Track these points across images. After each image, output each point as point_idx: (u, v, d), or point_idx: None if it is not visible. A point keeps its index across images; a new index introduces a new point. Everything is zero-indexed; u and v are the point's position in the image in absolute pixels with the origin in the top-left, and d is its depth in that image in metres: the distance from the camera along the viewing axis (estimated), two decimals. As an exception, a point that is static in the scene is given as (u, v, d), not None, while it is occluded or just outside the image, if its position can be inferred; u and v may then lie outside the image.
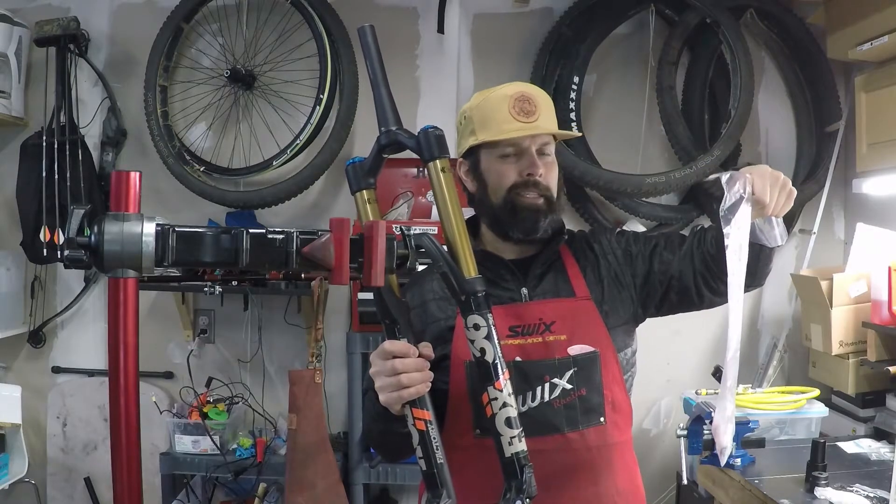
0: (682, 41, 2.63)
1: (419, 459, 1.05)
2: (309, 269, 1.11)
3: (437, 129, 1.11)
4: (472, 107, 1.33)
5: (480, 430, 1.23)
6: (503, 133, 1.27)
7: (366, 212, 1.15)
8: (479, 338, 1.05)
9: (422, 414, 1.05)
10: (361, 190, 1.16)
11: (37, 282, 2.79)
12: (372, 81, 1.18)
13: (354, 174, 1.16)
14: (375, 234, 1.14)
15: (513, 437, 1.04)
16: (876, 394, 2.37)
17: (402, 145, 1.13)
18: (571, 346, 1.27)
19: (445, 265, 1.07)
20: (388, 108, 1.15)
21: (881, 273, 2.27)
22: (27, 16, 2.69)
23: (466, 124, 1.33)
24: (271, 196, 2.56)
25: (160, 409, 2.55)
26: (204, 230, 1.06)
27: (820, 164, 2.70)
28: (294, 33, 2.65)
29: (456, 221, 1.10)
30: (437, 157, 1.11)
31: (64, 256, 0.97)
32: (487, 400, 1.05)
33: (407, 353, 1.06)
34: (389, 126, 1.14)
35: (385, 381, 1.06)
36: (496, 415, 1.04)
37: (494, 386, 1.04)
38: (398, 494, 2.82)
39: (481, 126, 1.30)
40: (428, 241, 1.07)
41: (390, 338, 1.08)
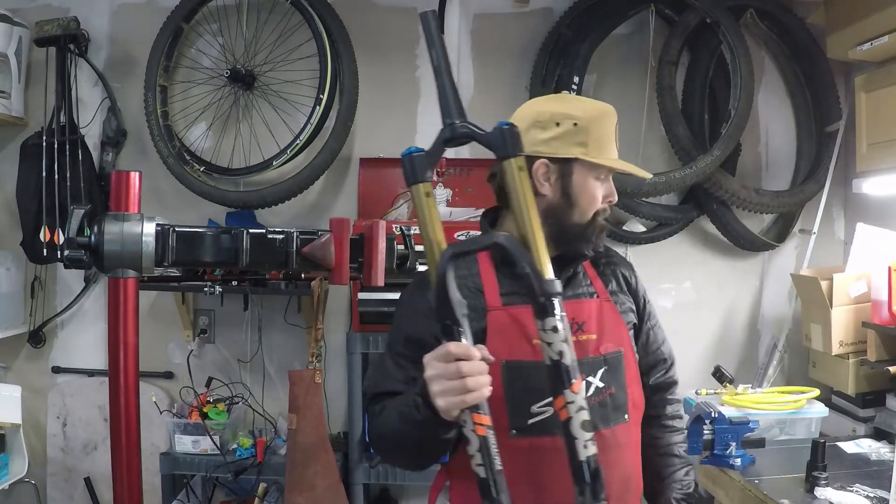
0: (682, 41, 2.63)
1: (476, 467, 1.01)
2: (309, 269, 1.11)
3: (513, 125, 1.08)
4: (586, 118, 1.27)
5: (517, 431, 1.22)
6: (614, 162, 1.29)
7: (425, 205, 1.10)
8: (557, 341, 1.02)
9: (482, 419, 1.01)
10: (419, 183, 1.11)
11: (37, 282, 2.79)
12: (435, 70, 1.11)
13: (412, 166, 1.11)
14: (375, 234, 1.14)
15: (587, 440, 1.02)
16: (876, 394, 2.36)
17: (473, 139, 1.10)
18: (601, 345, 1.29)
19: (528, 266, 1.04)
20: (451, 99, 1.11)
21: (881, 273, 2.26)
22: (27, 16, 2.68)
23: (576, 132, 1.26)
24: (271, 196, 2.56)
25: (160, 409, 2.55)
26: (204, 230, 1.06)
27: (820, 164, 2.70)
28: (294, 33, 2.65)
29: (533, 222, 1.08)
30: (514, 154, 1.08)
31: (64, 256, 0.97)
32: (563, 403, 1.02)
33: (471, 355, 1.01)
34: (454, 118, 1.10)
35: (447, 385, 1.02)
36: (572, 418, 1.02)
37: (571, 389, 1.02)
38: (398, 494, 2.83)
39: (598, 144, 1.27)
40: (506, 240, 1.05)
41: (449, 339, 1.03)
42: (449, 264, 1.04)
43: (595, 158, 1.27)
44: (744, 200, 2.59)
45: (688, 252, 2.84)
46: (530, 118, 1.28)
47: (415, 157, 1.11)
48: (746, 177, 2.79)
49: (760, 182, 2.84)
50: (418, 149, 1.12)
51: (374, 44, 2.76)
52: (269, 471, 2.49)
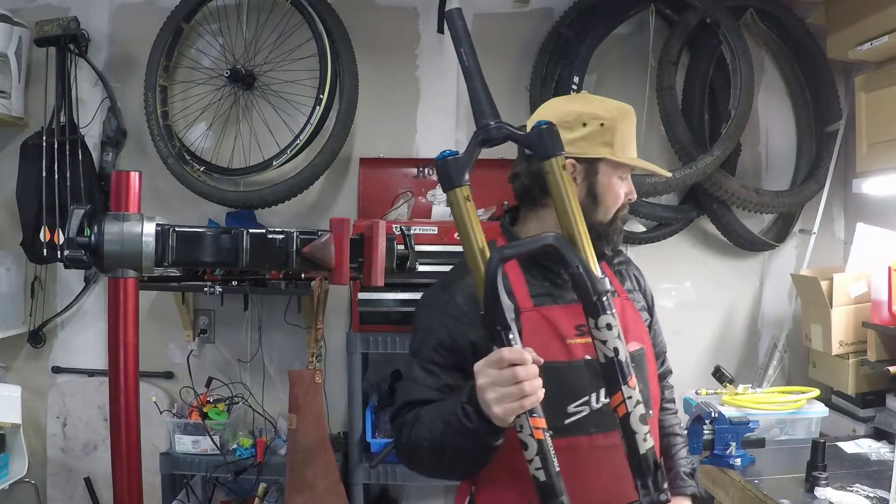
0: (682, 41, 2.63)
1: (536, 471, 1.01)
2: (309, 269, 1.11)
3: (552, 124, 1.08)
4: (612, 118, 1.29)
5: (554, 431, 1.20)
6: (642, 165, 1.32)
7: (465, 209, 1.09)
8: (611, 338, 1.03)
9: (539, 423, 1.01)
10: (455, 187, 1.10)
11: (37, 282, 2.79)
12: (464, 71, 1.10)
13: (448, 170, 1.09)
14: (375, 234, 1.14)
15: (646, 433, 1.03)
16: (876, 394, 2.37)
17: (514, 141, 1.09)
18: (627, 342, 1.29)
19: (581, 266, 1.05)
20: (484, 100, 1.10)
21: (881, 273, 2.27)
22: (27, 16, 2.68)
23: (602, 132, 1.27)
24: (271, 196, 2.56)
25: (160, 409, 2.55)
26: (204, 230, 1.05)
27: (820, 164, 2.70)
28: (294, 33, 2.65)
29: (578, 221, 1.08)
30: (556, 154, 1.08)
31: (64, 256, 0.97)
32: (622, 399, 1.02)
33: (525, 360, 1.01)
34: (488, 120, 1.09)
35: (503, 392, 1.01)
36: (630, 413, 1.02)
37: (628, 384, 1.02)
38: (398, 494, 2.83)
39: (623, 144, 1.29)
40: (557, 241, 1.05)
41: (500, 345, 1.03)
42: (499, 268, 1.04)
43: (620, 158, 1.29)
44: (744, 200, 2.59)
45: (688, 252, 2.84)
46: (555, 119, 1.27)
47: (450, 161, 1.09)
48: (746, 177, 2.79)
49: (760, 182, 2.84)
50: (453, 152, 1.10)
51: (374, 44, 2.76)
52: (269, 471, 2.49)
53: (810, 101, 2.79)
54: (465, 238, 1.10)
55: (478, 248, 1.08)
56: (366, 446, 2.45)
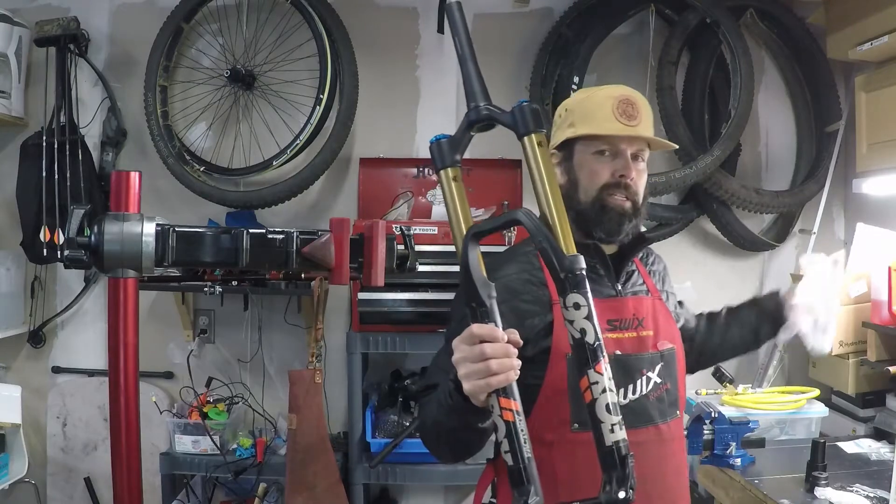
0: (682, 41, 2.64)
1: (504, 454, 0.97)
2: (309, 269, 1.11)
3: (531, 102, 1.09)
4: (575, 101, 1.36)
5: (579, 425, 1.21)
6: (603, 129, 1.30)
7: (451, 189, 1.10)
8: (578, 318, 0.98)
9: (509, 404, 0.97)
10: (447, 167, 1.11)
11: (37, 282, 2.79)
12: (460, 57, 1.13)
13: (440, 151, 1.11)
14: (375, 234, 1.14)
15: (613, 424, 0.96)
16: (876, 394, 2.37)
17: (495, 121, 1.10)
18: (658, 341, 1.32)
19: (545, 241, 1.01)
20: (476, 83, 1.11)
21: (881, 273, 2.27)
22: (27, 16, 2.68)
23: (566, 117, 1.34)
24: (271, 196, 2.56)
25: (160, 409, 2.55)
26: (204, 230, 1.06)
27: (820, 164, 2.70)
28: (294, 33, 2.65)
29: (554, 198, 1.06)
30: (533, 130, 1.07)
31: (64, 256, 0.97)
32: (587, 384, 0.97)
33: (496, 337, 0.98)
34: (478, 102, 1.10)
35: (472, 368, 0.99)
36: (596, 400, 0.96)
37: (595, 369, 0.97)
38: (398, 494, 2.82)
39: (582, 120, 1.32)
40: (525, 216, 1.02)
41: (475, 322, 1.01)
42: (471, 244, 1.03)
43: (582, 131, 1.31)
44: (744, 200, 2.59)
45: (688, 252, 2.84)
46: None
47: (441, 142, 1.11)
48: (746, 177, 2.79)
49: (760, 182, 2.84)
50: (445, 135, 1.12)
51: (374, 44, 2.76)
52: (269, 471, 2.49)
53: (810, 101, 2.79)
54: (451, 217, 1.10)
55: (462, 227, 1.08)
56: (366, 446, 2.45)
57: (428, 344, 2.41)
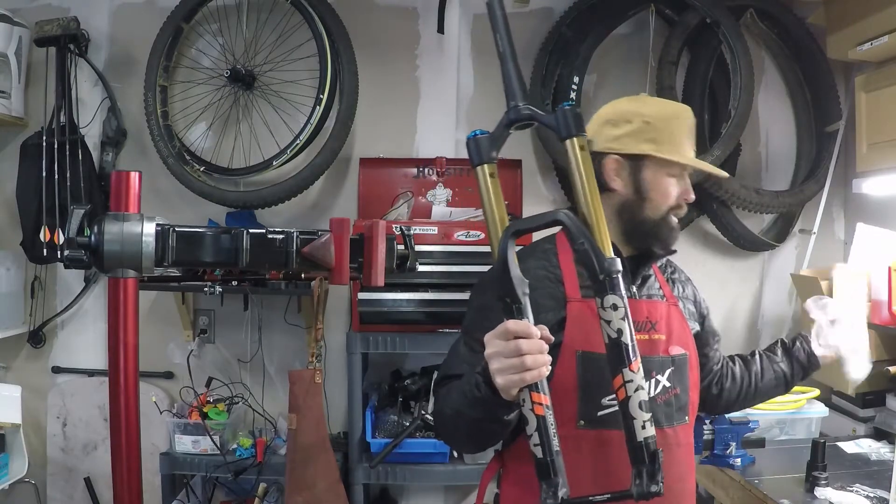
0: (682, 41, 2.64)
1: (534, 447, 1.00)
2: (309, 269, 1.11)
3: (575, 106, 1.10)
4: (656, 115, 1.32)
5: (585, 422, 1.23)
6: (687, 160, 1.32)
7: (487, 185, 1.11)
8: (616, 318, 1.02)
9: (541, 398, 1.00)
10: (484, 164, 1.12)
11: (37, 282, 2.79)
12: (500, 55, 1.14)
13: (477, 147, 1.12)
14: (375, 234, 1.14)
15: (645, 420, 1.01)
16: (876, 394, 2.37)
17: (536, 121, 1.11)
18: (669, 346, 1.32)
19: (587, 243, 1.04)
20: (516, 82, 1.12)
21: (881, 273, 2.27)
22: (27, 16, 2.68)
23: (642, 129, 1.31)
24: (271, 196, 2.56)
25: (160, 409, 2.55)
26: (204, 230, 1.06)
27: (820, 164, 2.70)
28: (294, 33, 2.65)
29: (594, 201, 1.08)
30: (576, 134, 1.09)
31: (64, 256, 0.97)
32: (622, 382, 1.01)
33: (531, 334, 1.01)
34: (517, 101, 1.12)
35: (506, 363, 1.01)
36: (630, 398, 1.01)
37: (630, 368, 1.01)
38: (398, 494, 2.83)
39: (666, 140, 1.31)
40: (566, 217, 1.05)
41: (509, 317, 1.03)
42: (510, 241, 1.05)
43: (666, 155, 1.30)
44: (744, 200, 2.59)
45: (688, 252, 2.84)
46: (604, 117, 1.33)
47: (479, 138, 1.12)
48: (746, 177, 2.79)
49: (760, 182, 2.84)
50: (483, 131, 1.13)
51: (374, 44, 2.76)
52: (269, 471, 2.49)
53: (810, 101, 2.79)
54: (487, 212, 1.11)
55: (499, 223, 1.10)
56: (366, 446, 2.45)
57: (428, 344, 2.41)
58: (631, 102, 1.38)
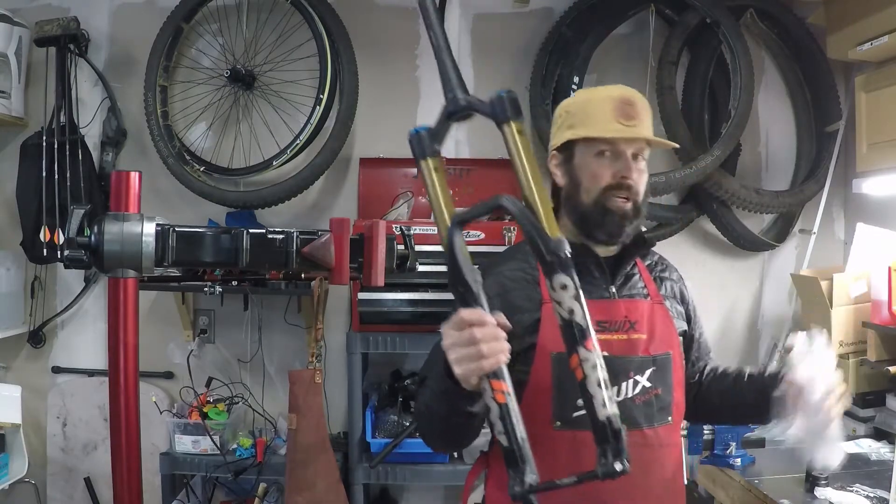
0: (682, 41, 2.64)
1: (498, 435, 0.98)
2: (309, 269, 1.11)
3: (511, 92, 1.09)
4: (574, 102, 1.37)
5: (561, 423, 1.22)
6: (603, 132, 1.30)
7: (432, 178, 1.11)
8: (566, 298, 0.99)
9: (501, 386, 0.98)
10: (427, 157, 1.12)
11: (37, 282, 2.79)
12: (435, 49, 1.14)
13: (419, 142, 1.12)
14: (375, 234, 1.14)
15: (605, 399, 0.97)
16: (876, 394, 2.36)
17: (474, 110, 1.11)
18: (650, 345, 1.31)
19: (529, 225, 1.02)
20: (452, 74, 1.12)
21: (881, 273, 2.26)
22: (27, 16, 2.68)
23: (565, 119, 1.35)
24: (271, 196, 2.56)
25: (160, 409, 2.55)
26: (204, 230, 1.06)
27: (820, 164, 2.70)
28: (294, 33, 2.65)
29: (536, 183, 1.07)
30: (513, 118, 1.08)
31: (64, 256, 0.98)
32: (577, 362, 0.98)
33: (484, 321, 0.99)
34: (456, 93, 1.11)
35: (462, 353, 0.99)
36: (587, 377, 0.97)
37: (585, 346, 0.98)
38: (398, 494, 2.83)
39: (581, 122, 1.32)
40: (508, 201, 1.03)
41: (463, 307, 1.01)
42: (456, 230, 1.04)
43: (582, 133, 1.31)
44: (744, 200, 2.59)
45: (688, 252, 2.84)
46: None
47: (421, 133, 1.13)
48: (746, 177, 2.79)
49: (760, 182, 2.84)
50: (425, 126, 1.13)
51: (374, 44, 2.76)
52: (269, 471, 2.49)
53: (810, 101, 2.79)
54: (434, 207, 1.10)
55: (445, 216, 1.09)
56: (366, 446, 2.45)
57: (428, 344, 2.37)
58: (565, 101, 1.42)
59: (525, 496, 0.96)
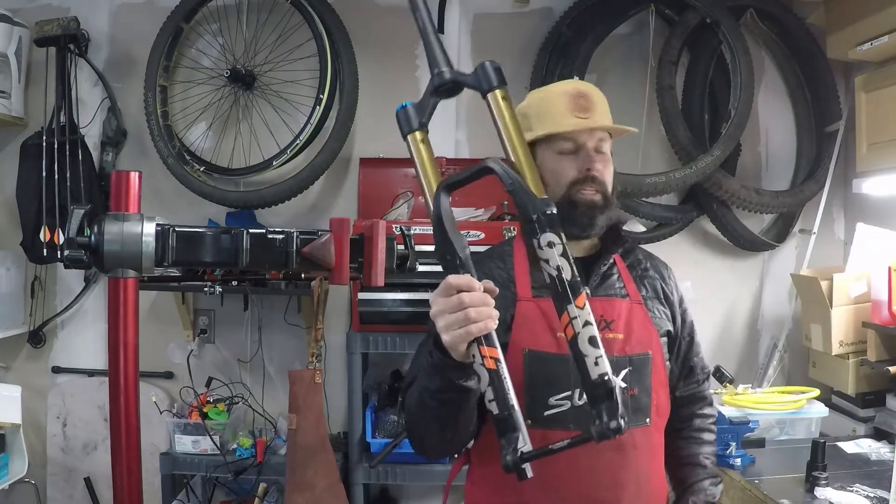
0: (682, 41, 2.63)
1: (489, 403, 0.96)
2: (309, 269, 1.11)
3: (493, 62, 1.11)
4: (529, 104, 1.35)
5: (532, 421, 1.20)
6: (561, 126, 1.30)
7: (419, 151, 1.12)
8: (554, 255, 0.99)
9: (491, 352, 0.97)
10: (414, 131, 1.13)
11: (37, 282, 2.79)
12: (421, 30, 1.17)
13: (406, 116, 1.14)
14: (375, 234, 1.14)
15: (598, 357, 0.95)
16: (876, 394, 2.37)
17: (459, 83, 1.13)
18: (626, 345, 1.29)
19: (516, 185, 1.02)
20: (437, 50, 1.14)
21: (881, 273, 2.27)
22: (27, 16, 2.68)
23: (523, 121, 1.31)
24: (271, 196, 2.56)
25: (160, 409, 2.55)
26: (204, 230, 1.05)
27: (820, 164, 2.70)
28: (294, 33, 2.65)
29: (521, 147, 1.08)
30: (497, 86, 1.09)
31: (64, 256, 0.97)
32: (568, 320, 0.97)
33: (472, 286, 0.98)
34: (441, 67, 1.13)
35: (451, 319, 0.98)
36: (578, 334, 0.96)
37: (575, 304, 0.97)
38: (398, 494, 2.83)
39: (539, 121, 1.32)
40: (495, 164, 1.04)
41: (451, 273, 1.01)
42: (443, 195, 1.05)
43: (538, 132, 1.31)
44: (744, 200, 2.59)
45: (688, 252, 2.84)
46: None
47: (408, 108, 1.16)
48: (746, 177, 2.79)
49: (760, 182, 2.84)
50: (411, 103, 1.16)
51: (374, 44, 2.76)
52: (269, 471, 2.49)
53: (810, 101, 2.79)
54: (422, 179, 1.11)
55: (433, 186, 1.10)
56: (366, 446, 2.45)
57: (428, 344, 2.41)
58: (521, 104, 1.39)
59: (518, 464, 0.94)
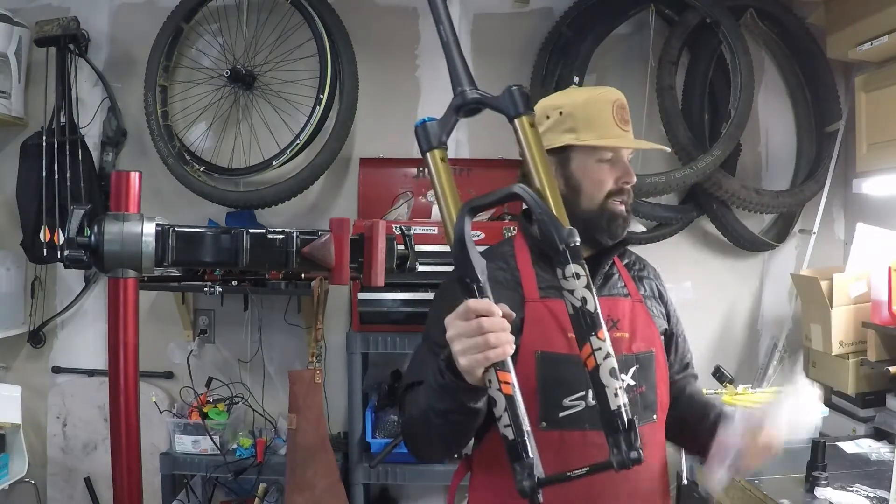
0: (682, 41, 2.63)
1: (504, 428, 0.97)
2: (309, 269, 1.11)
3: (521, 86, 1.11)
4: (572, 104, 1.32)
5: (547, 423, 1.21)
6: (610, 139, 1.29)
7: (438, 170, 1.11)
8: (579, 287, 1.00)
9: (507, 377, 0.97)
10: (433, 149, 1.12)
11: (37, 282, 2.79)
12: (444, 44, 1.15)
13: (426, 133, 1.13)
14: (375, 234, 1.14)
15: (618, 388, 0.97)
16: (876, 394, 2.36)
17: (484, 104, 1.12)
18: (633, 343, 1.30)
19: (544, 214, 1.03)
20: (461, 69, 1.13)
21: (881, 273, 2.27)
22: (27, 16, 2.68)
23: (563, 120, 1.31)
24: (271, 196, 2.56)
25: (160, 409, 2.55)
26: (204, 230, 1.05)
27: (820, 164, 2.70)
28: (294, 33, 2.65)
29: (547, 176, 1.08)
30: (524, 112, 1.10)
31: (64, 256, 0.97)
32: (590, 351, 0.98)
33: (492, 311, 0.98)
34: (464, 86, 1.12)
35: (469, 343, 0.98)
36: (600, 366, 0.98)
37: (597, 335, 0.98)
38: (398, 494, 2.82)
39: (585, 127, 1.30)
40: (523, 191, 1.04)
41: (469, 297, 1.01)
42: (466, 219, 1.04)
43: (587, 141, 1.29)
44: (744, 200, 2.59)
45: (688, 252, 2.84)
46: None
47: (427, 125, 1.13)
48: (746, 177, 2.79)
49: (760, 182, 2.84)
50: (431, 118, 1.14)
51: (374, 43, 2.76)
52: (269, 471, 2.49)
53: (810, 101, 2.79)
54: (440, 199, 1.11)
55: (452, 207, 1.09)
56: (366, 446, 2.45)
57: (428, 344, 2.41)
58: (552, 98, 1.37)
59: (535, 490, 0.95)
